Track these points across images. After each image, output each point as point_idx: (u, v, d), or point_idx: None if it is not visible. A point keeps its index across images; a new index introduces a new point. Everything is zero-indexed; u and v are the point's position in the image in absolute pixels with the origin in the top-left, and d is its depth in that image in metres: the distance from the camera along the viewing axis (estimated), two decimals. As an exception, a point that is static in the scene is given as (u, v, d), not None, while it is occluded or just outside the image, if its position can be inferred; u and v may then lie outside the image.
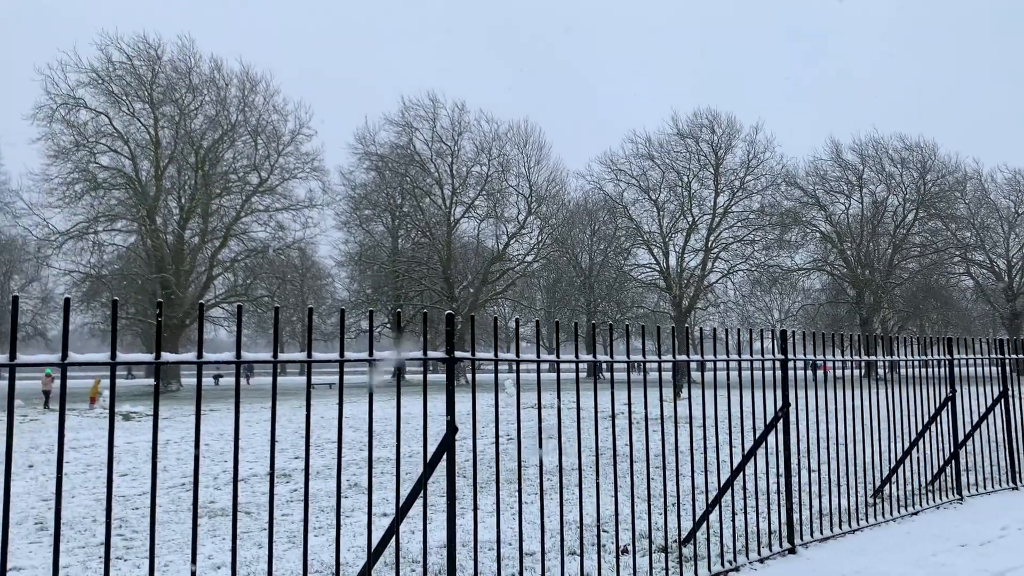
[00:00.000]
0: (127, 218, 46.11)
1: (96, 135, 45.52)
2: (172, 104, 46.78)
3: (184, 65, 47.20)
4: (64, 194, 44.28)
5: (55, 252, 45.70)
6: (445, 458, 4.55)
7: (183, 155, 46.97)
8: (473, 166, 54.65)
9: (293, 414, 24.68)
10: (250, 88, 48.84)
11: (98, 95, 45.23)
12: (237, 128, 48.32)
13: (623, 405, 24.25)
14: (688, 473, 11.08)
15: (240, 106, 48.55)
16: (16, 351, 3.00)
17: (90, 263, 46.34)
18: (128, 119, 46.17)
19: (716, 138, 58.09)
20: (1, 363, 2.98)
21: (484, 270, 54.43)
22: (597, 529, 5.33)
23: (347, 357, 4.18)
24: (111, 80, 45.08)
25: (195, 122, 47.63)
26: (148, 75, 45.98)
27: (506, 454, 13.68)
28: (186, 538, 7.83)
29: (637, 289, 61.56)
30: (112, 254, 48.15)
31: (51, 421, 24.14)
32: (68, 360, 3.12)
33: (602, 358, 5.62)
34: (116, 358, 3.25)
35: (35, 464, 13.79)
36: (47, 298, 62.62)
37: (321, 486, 10.83)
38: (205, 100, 48.02)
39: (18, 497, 10.30)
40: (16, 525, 8.58)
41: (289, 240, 50.72)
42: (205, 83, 47.89)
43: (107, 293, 45.47)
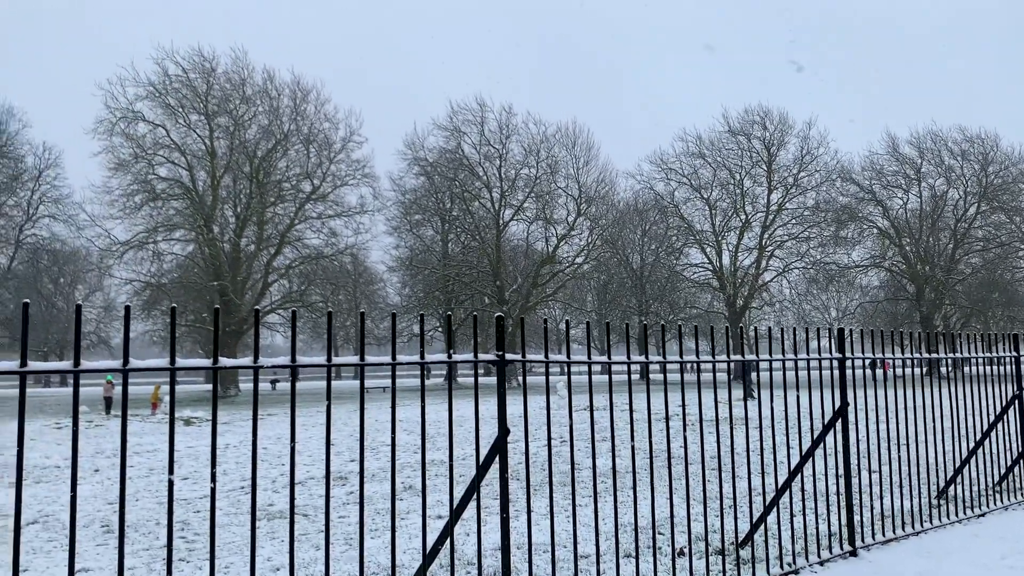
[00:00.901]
0: (185, 227, 47.27)
1: (154, 147, 46.77)
2: (227, 115, 47.80)
3: (238, 77, 48.25)
4: (124, 205, 45.63)
5: (116, 262, 47.12)
6: (497, 461, 4.55)
7: (238, 165, 47.96)
8: (521, 168, 54.76)
9: (348, 417, 24.98)
10: (302, 97, 49.69)
11: (155, 108, 46.49)
12: (290, 137, 49.18)
13: (677, 407, 24.01)
14: (745, 475, 10.92)
15: (292, 115, 49.40)
16: (80, 358, 3.09)
17: (150, 272, 47.63)
18: (185, 131, 47.36)
19: (768, 135, 57.28)
20: (66, 369, 3.07)
21: (534, 272, 54.44)
22: (652, 531, 5.28)
23: (399, 360, 4.21)
24: (168, 93, 46.28)
25: (249, 132, 48.61)
26: (203, 87, 47.07)
27: (559, 456, 13.64)
28: (245, 540, 7.97)
29: (690, 289, 60.97)
30: (171, 263, 49.40)
31: (114, 426, 24.81)
32: (129, 366, 3.20)
33: (655, 359, 5.56)
34: (175, 364, 3.32)
35: (100, 468, 14.17)
36: (109, 307, 64.54)
37: (376, 488, 10.93)
38: (258, 110, 48.99)
39: (85, 500, 10.60)
40: (83, 527, 8.84)
41: (341, 246, 51.45)
42: (258, 94, 48.85)
43: (167, 301, 46.65)
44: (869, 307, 63.39)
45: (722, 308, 59.39)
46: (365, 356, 4.10)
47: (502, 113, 54.27)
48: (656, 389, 34.44)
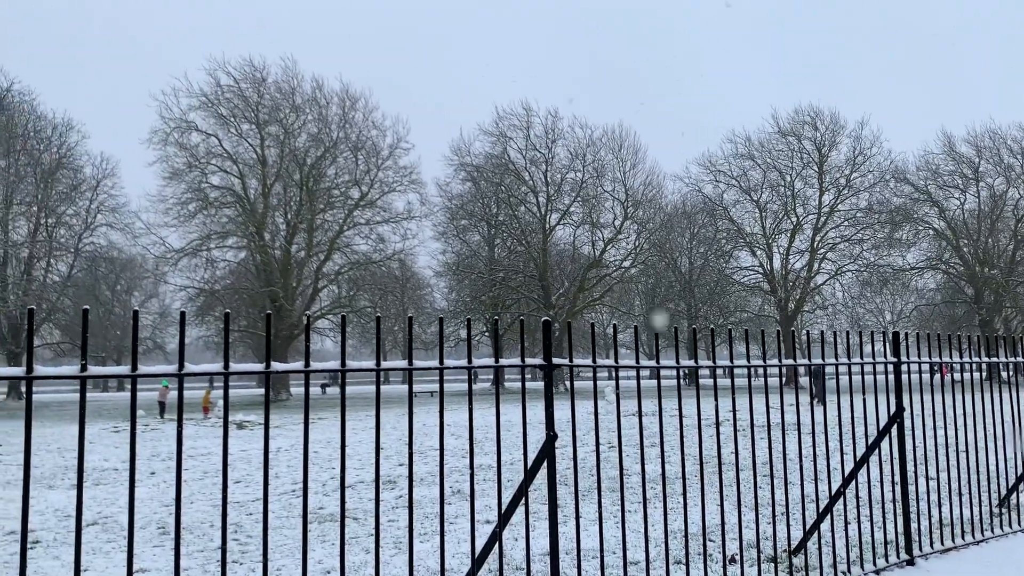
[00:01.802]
0: (237, 235, 48.19)
1: (207, 156, 47.81)
2: (277, 124, 48.62)
3: (287, 86, 49.04)
4: (179, 213, 46.69)
5: (171, 269, 48.24)
6: (545, 466, 4.55)
7: (288, 173, 48.74)
8: (568, 173, 54.69)
9: (397, 421, 25.17)
10: (350, 105, 50.30)
11: (208, 118, 47.51)
12: (338, 145, 49.81)
13: (728, 412, 23.71)
14: (797, 481, 10.73)
15: (341, 123, 50.04)
16: (137, 363, 3.16)
17: (203, 278, 48.68)
18: (236, 140, 48.31)
19: (819, 135, 56.33)
20: (124, 374, 3.14)
21: (581, 276, 54.29)
22: (703, 538, 5.22)
23: (447, 365, 4.23)
24: (220, 103, 47.25)
25: (299, 140, 49.36)
26: (254, 97, 47.95)
27: (607, 462, 13.57)
28: (297, 543, 8.07)
29: (740, 292, 60.23)
30: (224, 269, 50.39)
31: (169, 430, 25.35)
32: (185, 371, 3.26)
33: (704, 363, 5.50)
34: (229, 368, 3.39)
35: (156, 471, 14.49)
36: (164, 313, 66.06)
37: (425, 492, 10.99)
38: (308, 119, 49.73)
39: (141, 503, 10.85)
40: (140, 529, 9.04)
41: (389, 252, 51.90)
42: (307, 102, 49.58)
43: (220, 307, 47.58)
44: (925, 310, 61.89)
45: (773, 312, 58.52)
46: (413, 361, 4.12)
47: (548, 117, 54.38)
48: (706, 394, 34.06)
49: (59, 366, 3.13)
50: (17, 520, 9.80)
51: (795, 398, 13.92)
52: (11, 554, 7.99)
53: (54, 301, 50.46)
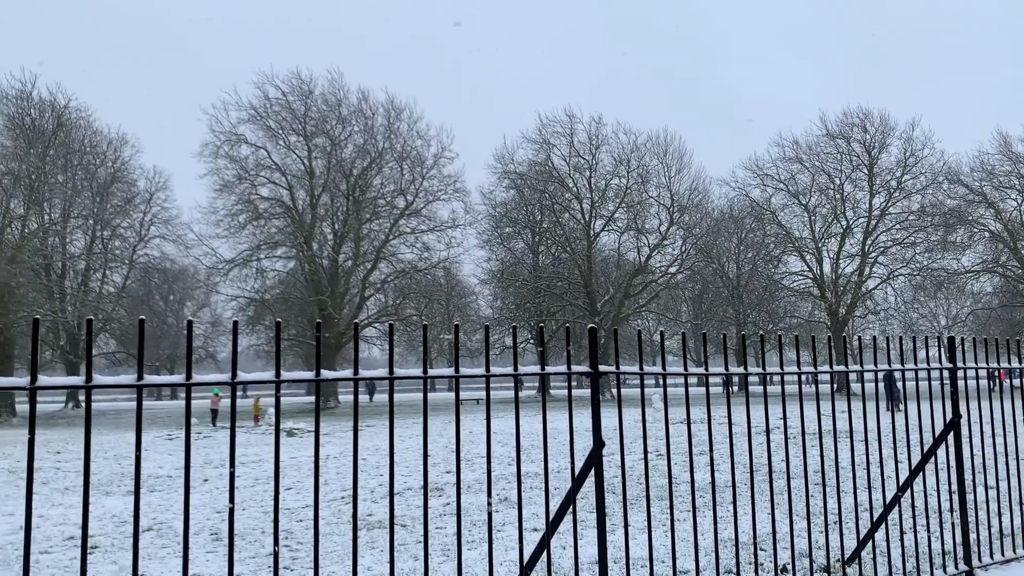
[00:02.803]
0: (286, 245, 48.97)
1: (256, 168, 48.71)
2: (324, 135, 49.31)
3: (334, 98, 49.70)
4: (229, 225, 47.66)
5: (222, 279, 49.19)
6: (593, 473, 4.53)
7: (335, 183, 49.38)
8: (612, 179, 54.46)
9: (443, 429, 25.28)
10: (395, 116, 50.79)
11: (257, 130, 48.42)
12: (384, 155, 50.32)
13: (778, 419, 23.36)
14: (850, 490, 10.52)
15: (386, 134, 50.55)
16: (191, 372, 3.23)
17: (254, 288, 49.53)
18: (284, 151, 49.14)
19: (869, 137, 55.26)
20: (179, 383, 3.22)
21: (626, 283, 53.99)
22: (754, 547, 5.14)
23: (493, 372, 4.24)
24: (268, 116, 48.13)
25: (345, 151, 50.00)
26: (301, 109, 48.72)
27: (655, 470, 13.45)
28: (347, 550, 8.15)
29: (789, 298, 59.31)
30: (273, 279, 51.18)
31: (221, 437, 25.79)
32: (237, 379, 3.33)
33: (754, 370, 5.43)
34: (280, 376, 3.44)
35: (209, 478, 14.75)
36: (216, 322, 67.24)
37: (472, 500, 11.02)
38: (354, 130, 50.34)
39: (195, 509, 11.05)
40: (194, 535, 9.21)
41: (435, 260, 52.23)
42: (353, 113, 50.20)
43: (270, 316, 48.36)
44: (982, 314, 60.21)
45: (824, 317, 57.50)
46: (460, 368, 4.14)
47: (591, 124, 54.20)
48: (755, 401, 33.59)
49: (115, 375, 3.21)
50: (76, 526, 10.06)
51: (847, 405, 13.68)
52: (71, 559, 8.20)
53: (109, 311, 51.70)
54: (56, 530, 9.77)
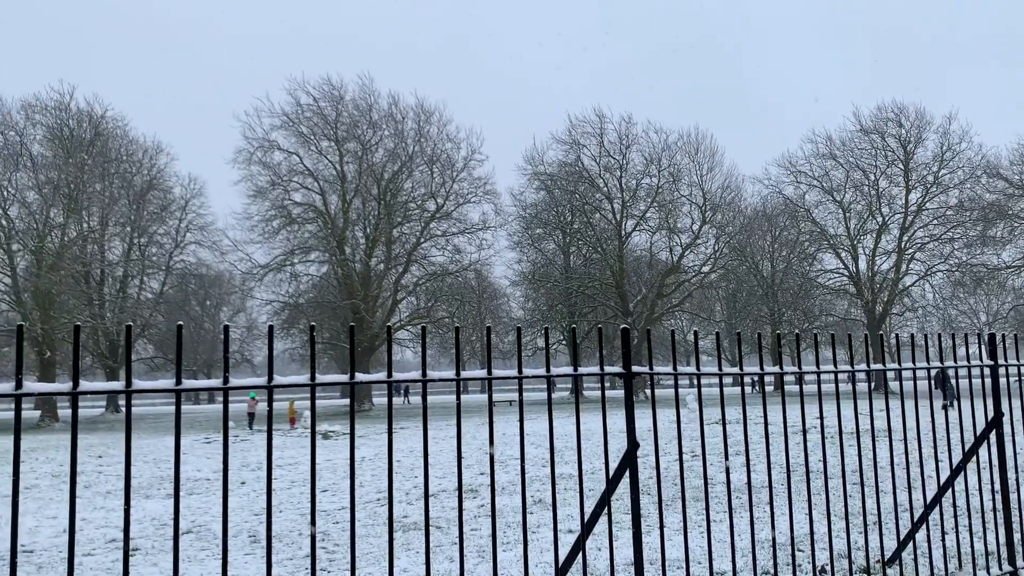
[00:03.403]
0: (319, 249, 49.46)
1: (289, 174, 49.28)
2: (355, 140, 49.70)
3: (364, 103, 50.08)
4: (263, 230, 48.28)
5: (257, 284, 49.85)
6: (628, 475, 4.51)
7: (367, 188, 49.76)
8: (643, 178, 54.17)
9: (476, 431, 25.33)
10: (425, 119, 51.03)
11: (289, 136, 48.96)
12: (414, 159, 50.60)
13: (814, 419, 23.08)
14: (889, 489, 10.36)
15: (416, 137, 50.82)
16: (228, 376, 3.27)
17: (288, 293, 50.09)
18: (317, 157, 49.63)
19: (904, 132, 54.45)
20: (216, 387, 3.26)
21: (658, 283, 53.68)
22: (792, 548, 5.09)
23: (526, 374, 4.24)
24: (300, 122, 48.64)
25: (376, 156, 50.34)
26: (333, 115, 49.16)
27: (690, 471, 13.37)
28: (382, 551, 8.20)
29: (825, 296, 58.61)
30: (307, 283, 51.69)
31: (258, 440, 26.08)
32: (273, 383, 3.36)
33: (789, 370, 5.37)
34: (316, 380, 3.47)
35: (247, 481, 14.92)
36: (252, 327, 68.03)
37: (507, 502, 11.02)
38: (385, 134, 50.68)
39: (232, 512, 11.18)
40: (232, 537, 9.32)
41: (466, 262, 52.38)
42: (384, 118, 50.54)
43: (304, 320, 48.83)
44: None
45: (860, 315, 56.75)
46: (492, 370, 4.15)
47: (621, 123, 53.93)
48: (791, 400, 33.26)
49: (154, 380, 3.26)
50: (117, 528, 10.23)
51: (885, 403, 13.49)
52: (113, 561, 8.34)
53: (147, 317, 52.54)
54: (98, 533, 9.94)
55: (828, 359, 64.71)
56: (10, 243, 43.90)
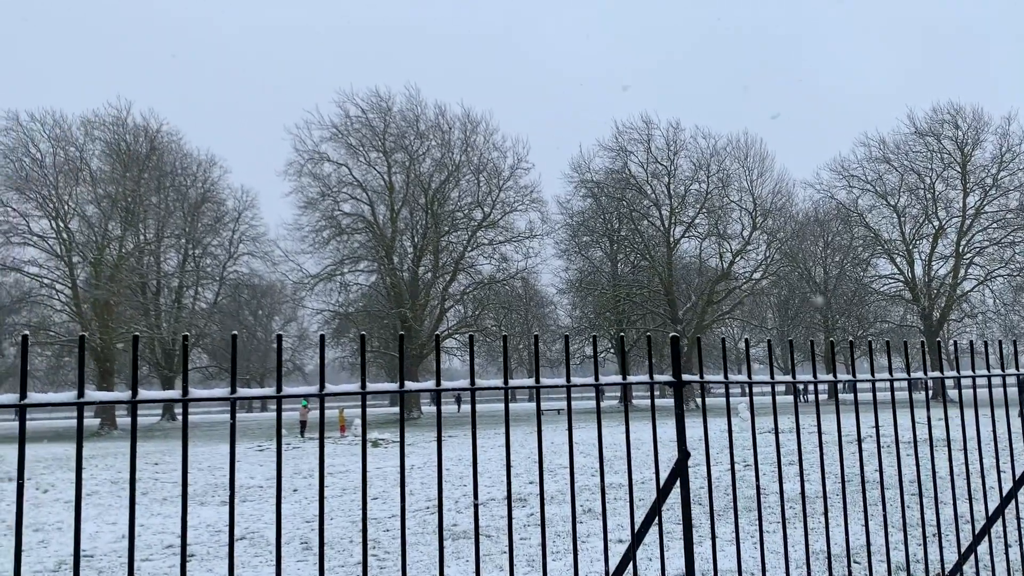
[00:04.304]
0: (368, 259, 50.05)
1: (339, 185, 50.03)
2: (403, 151, 50.26)
3: (412, 114, 50.61)
4: (314, 240, 49.06)
5: (308, 293, 50.62)
6: (679, 484, 4.46)
7: (414, 197, 50.24)
8: (691, 184, 53.72)
9: (524, 440, 25.30)
10: (471, 129, 51.36)
11: (339, 148, 49.74)
12: (461, 168, 50.95)
13: (870, 428, 22.58)
14: (949, 500, 10.08)
15: (463, 147, 51.16)
16: (282, 384, 3.33)
17: (338, 302, 50.76)
18: (365, 168, 50.30)
19: (961, 134, 53.09)
20: (270, 395, 3.31)
21: (708, 290, 53.11)
22: (847, 560, 4.97)
23: (574, 382, 4.22)
24: (349, 133, 49.38)
25: (423, 166, 50.84)
26: (381, 126, 49.77)
27: (742, 481, 13.17)
28: (432, 559, 8.23)
29: (880, 302, 57.40)
30: (356, 293, 52.32)
31: (309, 448, 26.40)
32: (325, 391, 3.41)
33: (844, 378, 5.27)
34: (366, 388, 3.51)
35: (298, 488, 15.11)
36: (303, 335, 69.02)
37: (556, 511, 10.99)
38: (431, 144, 51.14)
39: (285, 519, 11.33)
40: (285, 544, 9.44)
41: (512, 271, 52.49)
42: (431, 128, 51.00)
43: (354, 329, 49.45)
44: (1090, 316, 57.06)
45: (917, 322, 55.41)
46: (540, 379, 4.14)
47: (669, 129, 53.58)
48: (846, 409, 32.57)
49: (207, 388, 3.33)
50: (173, 535, 10.44)
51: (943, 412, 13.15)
52: (170, 566, 8.50)
53: (202, 327, 53.63)
54: (156, 539, 10.15)
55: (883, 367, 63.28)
56: (70, 255, 45.25)
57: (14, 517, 12.29)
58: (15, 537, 2.81)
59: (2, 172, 44.00)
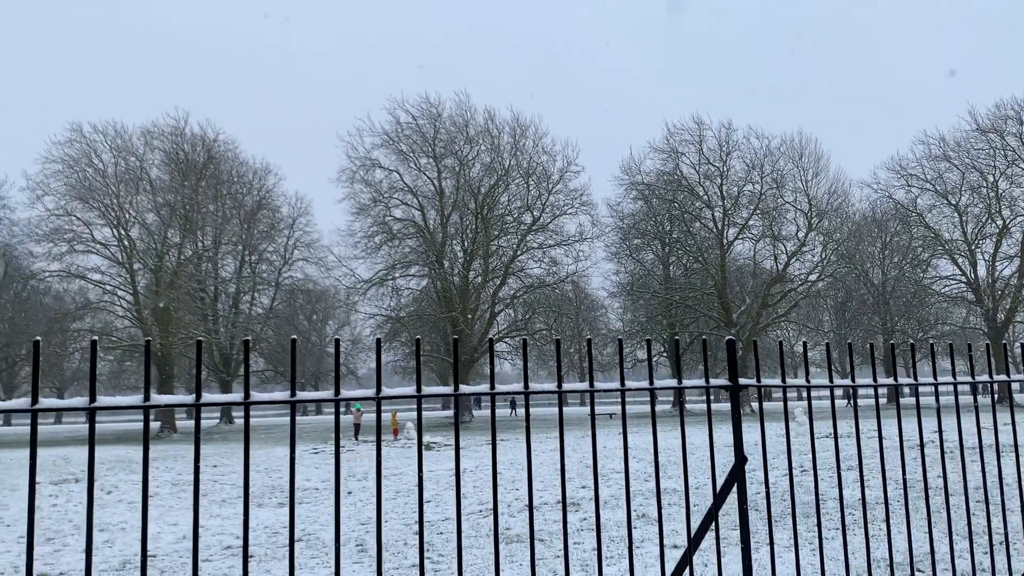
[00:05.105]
0: (419, 264, 50.48)
1: (390, 191, 50.58)
2: (452, 156, 50.59)
3: (461, 119, 50.92)
4: (366, 246, 49.68)
5: (361, 298, 51.21)
6: (735, 490, 4.40)
7: (464, 202, 50.52)
8: (745, 185, 52.98)
9: (576, 444, 25.22)
10: (520, 133, 51.44)
11: (390, 154, 50.30)
12: (510, 172, 51.06)
13: (932, 432, 22.00)
14: (1017, 508, 9.77)
15: (512, 151, 51.28)
16: (340, 388, 3.37)
17: (390, 307, 51.27)
18: (416, 174, 50.78)
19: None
20: (328, 398, 3.36)
21: (763, 292, 52.32)
22: (910, 568, 4.85)
23: (628, 386, 4.20)
24: (400, 140, 49.90)
25: (473, 170, 51.07)
26: (431, 132, 50.20)
27: (800, 486, 12.94)
28: (486, 563, 8.25)
29: (941, 304, 55.94)
30: (408, 297, 52.77)
31: (363, 451, 26.68)
32: (381, 394, 3.45)
33: (905, 381, 5.14)
34: (421, 392, 3.54)
35: (353, 491, 15.28)
36: (356, 340, 69.85)
37: (609, 516, 10.93)
38: (481, 149, 51.36)
39: (341, 520, 11.47)
40: (341, 546, 9.56)
41: (562, 274, 52.36)
42: (480, 133, 51.22)
43: (406, 333, 49.87)
44: None
45: (980, 324, 53.85)
46: (594, 383, 4.13)
47: (721, 130, 52.94)
48: (906, 414, 31.80)
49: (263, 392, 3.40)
50: (231, 535, 10.64)
51: (1010, 416, 12.75)
52: (229, 567, 8.67)
53: (258, 332, 54.64)
54: (215, 539, 10.36)
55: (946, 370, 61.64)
56: (132, 262, 46.51)
57: (82, 517, 12.67)
58: (86, 537, 2.89)
59: (66, 182, 45.43)
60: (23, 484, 18.58)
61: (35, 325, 47.25)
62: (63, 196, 45.27)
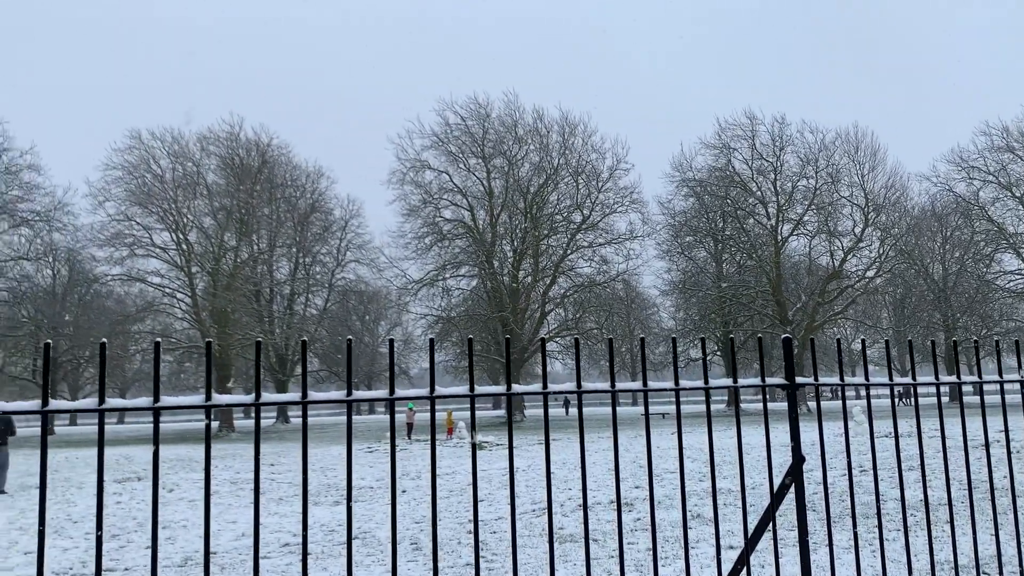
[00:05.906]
0: (469, 264, 50.75)
1: (440, 192, 50.97)
2: (501, 156, 50.72)
3: (510, 119, 51.05)
4: (416, 247, 50.14)
5: (412, 299, 51.70)
6: (793, 489, 4.33)
7: (513, 202, 50.62)
8: (799, 180, 52.11)
9: (629, 444, 25.08)
10: (569, 131, 51.36)
11: (439, 156, 50.68)
12: (559, 171, 51.01)
13: (998, 431, 21.37)
14: (1090, 511, 9.43)
15: (561, 150, 51.21)
16: (394, 387, 3.41)
17: (440, 307, 51.67)
18: (465, 174, 51.06)
19: (1093, 117, 49.71)
20: (383, 398, 3.40)
21: (819, 289, 51.37)
22: (976, 571, 4.72)
23: (683, 386, 4.17)
24: (449, 141, 50.23)
25: (522, 170, 51.15)
26: (479, 132, 50.41)
27: (859, 486, 12.69)
28: (539, 562, 8.26)
29: (1005, 300, 54.29)
30: (458, 297, 53.12)
31: (416, 450, 26.91)
32: (436, 394, 3.48)
33: (968, 379, 5.00)
34: (475, 391, 3.56)
35: (407, 490, 15.42)
36: (407, 340, 70.54)
37: (663, 516, 10.85)
38: (530, 149, 51.43)
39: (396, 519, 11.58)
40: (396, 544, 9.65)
41: (613, 273, 52.14)
42: (529, 133, 51.28)
43: (455, 333, 50.20)
44: None
45: (1047, 320, 52.17)
46: (647, 382, 4.10)
47: (774, 124, 52.17)
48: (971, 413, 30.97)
49: (317, 391, 3.45)
50: (289, 533, 10.82)
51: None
52: (287, 564, 8.82)
53: (312, 332, 55.50)
54: (272, 537, 10.55)
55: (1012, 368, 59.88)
56: (190, 266, 47.63)
57: (145, 515, 13.01)
58: (151, 534, 2.97)
59: (126, 188, 46.73)
60: (88, 482, 19.14)
61: (98, 328, 48.69)
62: (123, 202, 46.63)
